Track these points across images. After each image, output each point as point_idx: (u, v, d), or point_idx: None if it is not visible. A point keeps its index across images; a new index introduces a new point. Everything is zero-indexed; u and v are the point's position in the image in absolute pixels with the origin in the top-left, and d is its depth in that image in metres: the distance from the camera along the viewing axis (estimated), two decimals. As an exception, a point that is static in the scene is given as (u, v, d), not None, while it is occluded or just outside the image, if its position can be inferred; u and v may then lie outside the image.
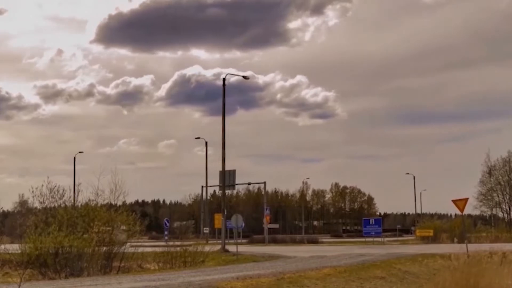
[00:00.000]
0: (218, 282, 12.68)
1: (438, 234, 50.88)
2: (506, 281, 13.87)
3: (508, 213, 69.53)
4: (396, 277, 16.88)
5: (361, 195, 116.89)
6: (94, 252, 18.89)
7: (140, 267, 21.59)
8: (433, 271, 18.13)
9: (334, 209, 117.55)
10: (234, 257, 25.65)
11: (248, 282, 12.89)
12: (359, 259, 21.46)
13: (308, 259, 22.60)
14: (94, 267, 18.64)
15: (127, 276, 16.19)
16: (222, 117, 34.71)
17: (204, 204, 63.46)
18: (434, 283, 14.17)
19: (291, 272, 15.33)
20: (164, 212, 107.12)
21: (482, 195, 67.56)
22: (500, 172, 68.99)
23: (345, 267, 17.28)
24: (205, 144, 59.64)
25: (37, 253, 18.01)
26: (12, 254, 19.42)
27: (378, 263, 19.43)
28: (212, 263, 22.65)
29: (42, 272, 18.02)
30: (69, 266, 18.12)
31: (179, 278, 13.85)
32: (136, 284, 12.66)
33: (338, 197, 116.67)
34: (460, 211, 27.57)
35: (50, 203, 20.83)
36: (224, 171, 35.78)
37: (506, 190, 68.70)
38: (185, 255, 21.78)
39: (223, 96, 34.93)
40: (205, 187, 61.45)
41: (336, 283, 14.28)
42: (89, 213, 20.05)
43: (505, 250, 23.22)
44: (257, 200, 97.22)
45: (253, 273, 14.88)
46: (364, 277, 15.79)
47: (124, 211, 20.96)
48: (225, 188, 37.34)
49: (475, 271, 13.37)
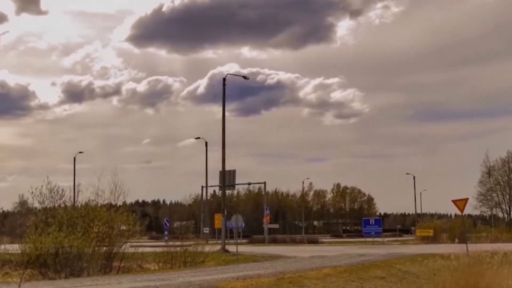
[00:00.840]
0: (218, 282, 12.68)
1: (438, 234, 50.87)
2: (506, 281, 13.86)
3: (508, 213, 69.60)
4: (396, 277, 16.88)
5: (361, 195, 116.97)
6: (94, 252, 18.90)
7: (140, 267, 21.60)
8: (433, 271, 18.10)
9: (334, 209, 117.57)
10: (234, 257, 25.65)
11: (248, 282, 12.89)
12: (359, 259, 21.45)
13: (308, 259, 22.60)
14: (94, 267, 18.65)
15: (127, 276, 16.18)
16: (222, 117, 34.75)
17: (204, 204, 63.48)
18: (434, 283, 14.16)
19: (291, 272, 15.32)
20: (164, 212, 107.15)
21: (481, 195, 67.65)
22: (499, 173, 69.05)
23: (345, 267, 17.28)
24: (205, 144, 59.68)
25: (37, 253, 18.01)
26: (12, 254, 19.42)
27: (378, 263, 19.43)
28: (212, 263, 22.64)
29: (42, 272, 18.02)
30: (69, 266, 18.12)
31: (179, 278, 13.84)
32: (136, 284, 12.66)
33: (339, 197, 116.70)
34: (460, 211, 27.59)
35: (49, 203, 20.85)
36: (224, 171, 35.80)
37: (506, 190, 68.74)
38: (185, 255, 21.79)
39: (223, 96, 34.97)
40: (205, 187, 61.52)
41: (336, 283, 14.28)
42: (89, 213, 20.05)
43: (505, 250, 23.25)
44: (257, 200, 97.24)
45: (253, 273, 14.88)
46: (364, 277, 15.78)
47: (124, 211, 20.97)
48: (225, 188, 37.36)
49: (475, 271, 13.36)
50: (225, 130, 34.49)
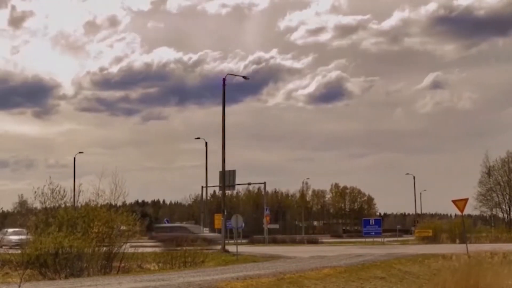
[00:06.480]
0: (218, 282, 12.68)
1: (438, 234, 50.89)
2: (506, 282, 13.88)
3: (508, 214, 69.61)
4: (396, 277, 16.88)
5: (361, 195, 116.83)
6: (94, 252, 18.89)
7: (140, 267, 21.59)
8: (433, 271, 18.12)
9: (334, 209, 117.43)
10: (234, 257, 25.65)
11: (248, 283, 12.89)
12: (359, 259, 21.45)
13: (308, 259, 22.59)
14: (94, 267, 18.64)
15: (127, 276, 16.18)
16: (222, 117, 34.72)
17: (204, 205, 63.48)
18: (434, 283, 14.17)
19: (291, 272, 15.32)
20: (164, 212, 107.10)
21: (481, 196, 67.66)
22: (499, 173, 69.05)
23: (345, 267, 17.28)
24: (205, 144, 59.65)
25: (37, 253, 18.00)
26: (12, 255, 19.44)
27: (378, 263, 19.42)
28: (212, 263, 22.64)
29: (42, 273, 18.01)
30: (69, 266, 18.11)
31: (179, 278, 13.84)
32: (136, 285, 12.66)
33: (338, 197, 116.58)
34: (460, 211, 27.58)
35: (50, 204, 20.86)
36: (224, 171, 35.80)
37: (506, 191, 68.75)
38: (185, 256, 21.80)
39: (223, 96, 34.97)
40: (205, 187, 61.52)
41: (336, 284, 14.28)
42: (89, 214, 20.06)
43: (505, 250, 23.27)
44: (257, 200, 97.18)
45: (253, 273, 14.88)
46: (364, 277, 15.79)
47: (124, 212, 20.98)
48: (225, 188, 37.35)
49: (475, 271, 13.38)
50: (225, 130, 34.50)
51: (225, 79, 35.47)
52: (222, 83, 35.16)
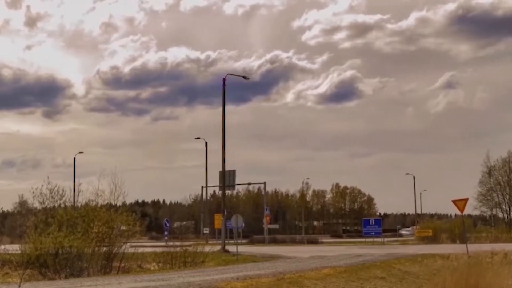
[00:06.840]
0: (218, 282, 12.67)
1: (438, 234, 50.89)
2: (506, 281, 13.87)
3: (508, 214, 69.55)
4: (396, 277, 16.88)
5: (361, 195, 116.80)
6: (94, 252, 18.90)
7: (140, 267, 21.60)
8: (433, 271, 18.11)
9: (334, 209, 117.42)
10: (234, 257, 25.65)
11: (248, 283, 12.88)
12: (359, 259, 21.45)
13: (308, 259, 22.59)
14: (94, 267, 18.65)
15: (127, 276, 16.17)
16: (222, 117, 34.74)
17: (204, 205, 63.49)
18: (434, 283, 14.15)
19: (291, 272, 15.31)
20: (164, 212, 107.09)
21: (481, 196, 67.62)
22: (500, 173, 69.00)
23: (345, 267, 17.27)
24: (205, 144, 59.66)
25: (37, 253, 18.02)
26: (12, 255, 19.42)
27: (378, 263, 19.42)
28: (212, 263, 22.64)
29: (42, 273, 18.02)
30: (69, 266, 18.12)
31: (179, 278, 13.84)
32: (136, 284, 12.65)
33: (338, 197, 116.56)
34: (460, 211, 27.56)
35: (49, 204, 20.86)
36: (224, 171, 35.80)
37: (506, 191, 68.68)
38: (185, 256, 21.80)
39: (223, 96, 34.98)
40: (205, 187, 61.54)
41: (336, 284, 14.27)
42: (88, 214, 20.06)
43: (505, 250, 23.26)
44: (257, 200, 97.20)
45: (253, 274, 14.87)
46: (364, 277, 15.78)
47: (124, 212, 20.97)
48: (225, 188, 37.35)
49: (475, 271, 13.36)
50: (225, 130, 34.50)
51: (225, 79, 35.49)
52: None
